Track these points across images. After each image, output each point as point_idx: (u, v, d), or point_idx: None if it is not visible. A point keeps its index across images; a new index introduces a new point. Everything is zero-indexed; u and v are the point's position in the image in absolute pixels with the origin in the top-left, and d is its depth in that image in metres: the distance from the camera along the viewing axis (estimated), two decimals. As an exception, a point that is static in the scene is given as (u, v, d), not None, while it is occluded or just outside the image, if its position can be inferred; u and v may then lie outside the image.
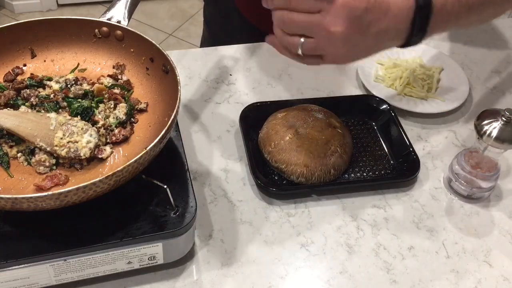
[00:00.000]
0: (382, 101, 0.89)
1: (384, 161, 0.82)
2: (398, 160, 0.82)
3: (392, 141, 0.85)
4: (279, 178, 0.79)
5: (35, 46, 0.78)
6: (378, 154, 0.83)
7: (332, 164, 0.78)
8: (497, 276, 0.71)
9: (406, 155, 0.81)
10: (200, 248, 0.71)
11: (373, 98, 0.90)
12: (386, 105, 0.88)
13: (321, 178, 0.77)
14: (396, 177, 0.80)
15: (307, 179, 0.77)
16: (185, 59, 0.99)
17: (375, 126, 0.87)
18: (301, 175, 0.77)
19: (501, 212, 0.78)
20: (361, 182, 0.80)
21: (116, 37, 0.77)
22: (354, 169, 0.81)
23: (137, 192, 0.66)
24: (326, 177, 0.78)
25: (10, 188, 0.64)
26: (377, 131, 0.87)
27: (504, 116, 0.70)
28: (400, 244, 0.74)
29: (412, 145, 0.82)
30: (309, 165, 0.77)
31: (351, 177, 0.80)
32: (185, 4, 2.93)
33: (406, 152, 0.82)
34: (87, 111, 0.71)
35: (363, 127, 0.87)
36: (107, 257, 0.62)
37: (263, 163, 0.80)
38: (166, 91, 0.73)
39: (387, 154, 0.83)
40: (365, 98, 0.91)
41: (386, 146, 0.84)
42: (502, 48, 1.07)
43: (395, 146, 0.84)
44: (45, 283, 0.63)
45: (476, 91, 0.97)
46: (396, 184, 0.80)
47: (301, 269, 0.70)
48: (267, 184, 0.76)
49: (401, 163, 0.81)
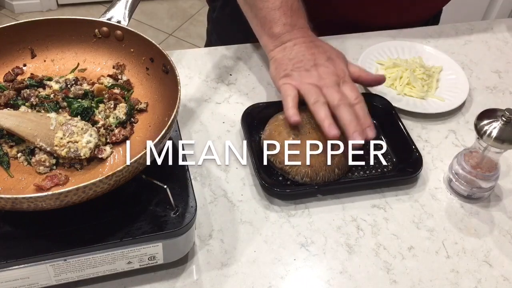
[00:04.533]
0: (382, 99, 0.89)
1: (386, 159, 0.82)
2: (401, 158, 0.82)
3: (394, 139, 0.85)
4: (284, 178, 0.79)
5: (35, 46, 0.78)
6: (380, 153, 0.83)
7: (336, 164, 0.78)
8: (497, 276, 0.71)
9: (409, 153, 0.81)
10: (200, 248, 0.71)
11: (375, 96, 0.90)
12: (387, 103, 0.88)
13: (326, 177, 0.77)
14: (399, 175, 0.80)
15: (311, 179, 0.77)
16: (185, 59, 0.99)
17: (376, 124, 0.87)
18: (306, 175, 0.77)
19: (501, 212, 0.78)
20: (364, 181, 0.80)
21: (116, 37, 0.77)
22: (357, 168, 0.81)
23: (137, 192, 0.66)
24: (331, 176, 0.78)
25: (10, 188, 0.64)
26: (379, 129, 0.86)
27: (504, 116, 0.70)
28: (400, 244, 0.74)
29: (414, 143, 0.82)
30: (314, 165, 0.77)
31: (355, 176, 0.80)
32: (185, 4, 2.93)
33: (409, 150, 0.82)
34: (87, 111, 0.71)
35: None
36: (107, 257, 0.62)
37: (266, 164, 0.80)
38: (166, 91, 0.73)
39: (389, 153, 0.83)
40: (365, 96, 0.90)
41: (388, 144, 0.84)
42: (502, 48, 1.07)
43: (397, 144, 0.84)
44: (45, 283, 0.63)
45: (476, 91, 0.97)
46: (399, 182, 0.80)
47: (301, 269, 0.70)
48: (272, 185, 0.77)
49: (403, 161, 0.81)
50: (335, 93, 0.79)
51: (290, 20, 0.87)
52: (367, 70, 0.87)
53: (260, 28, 0.90)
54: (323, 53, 0.85)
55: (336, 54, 0.86)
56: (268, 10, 0.87)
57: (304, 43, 0.86)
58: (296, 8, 0.88)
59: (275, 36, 0.87)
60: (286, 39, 0.87)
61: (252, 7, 0.90)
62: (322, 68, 0.82)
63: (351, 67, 0.85)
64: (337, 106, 0.77)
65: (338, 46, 1.03)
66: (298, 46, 0.86)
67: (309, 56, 0.84)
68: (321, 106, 0.77)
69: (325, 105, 0.78)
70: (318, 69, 0.82)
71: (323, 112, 0.77)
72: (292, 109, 0.78)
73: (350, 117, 0.76)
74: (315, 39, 0.88)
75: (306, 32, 0.88)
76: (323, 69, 0.82)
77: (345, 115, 0.76)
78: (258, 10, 0.89)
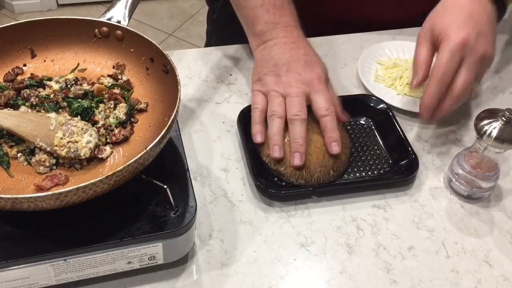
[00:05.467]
0: (379, 101, 0.89)
1: (382, 161, 0.82)
2: (397, 160, 0.82)
3: (390, 141, 0.85)
4: (279, 179, 0.79)
5: (35, 46, 0.78)
6: (376, 154, 0.83)
7: (331, 166, 0.78)
8: (497, 276, 0.71)
9: (405, 154, 0.81)
10: (200, 248, 0.71)
11: (370, 97, 0.90)
12: (383, 105, 0.88)
13: (321, 179, 0.77)
14: (394, 177, 0.80)
15: (306, 180, 0.77)
16: (185, 59, 0.99)
17: (373, 126, 0.87)
18: (301, 177, 0.77)
19: (501, 212, 0.78)
20: (360, 183, 0.80)
21: (116, 37, 0.77)
22: (353, 169, 0.81)
23: (137, 192, 0.66)
24: (326, 178, 0.77)
25: (10, 188, 0.64)
26: (375, 131, 0.86)
27: (504, 116, 0.70)
28: (400, 244, 0.74)
29: (410, 144, 0.82)
30: (308, 166, 0.77)
31: (350, 177, 0.80)
32: (185, 4, 2.93)
33: (405, 151, 0.82)
34: (87, 111, 0.71)
35: (361, 127, 0.87)
36: (107, 257, 0.62)
37: (262, 165, 0.80)
38: (166, 91, 0.73)
39: (385, 154, 0.83)
40: (362, 98, 0.90)
41: (384, 145, 0.84)
42: (502, 48, 1.07)
43: (393, 145, 0.84)
44: (45, 283, 0.63)
45: (476, 91, 0.97)
46: (395, 183, 0.80)
47: (301, 269, 0.70)
48: (267, 186, 0.76)
49: (399, 163, 0.81)
50: (295, 105, 0.78)
51: (273, 18, 0.85)
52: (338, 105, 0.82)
53: (246, 27, 0.89)
54: (302, 55, 0.83)
55: (316, 60, 0.84)
56: (250, 8, 0.86)
57: (285, 44, 0.84)
58: (280, 5, 0.85)
59: (257, 34, 0.86)
60: (267, 38, 0.85)
61: (237, 6, 0.89)
62: (293, 74, 0.81)
63: None
64: (290, 120, 0.77)
65: (339, 46, 1.04)
66: (278, 46, 0.84)
67: (286, 59, 0.82)
68: (274, 120, 0.78)
69: (281, 118, 0.78)
70: (289, 75, 0.81)
71: (275, 127, 0.77)
72: (257, 126, 0.79)
73: (297, 135, 0.76)
74: (298, 39, 0.85)
75: (290, 31, 0.85)
76: (294, 76, 0.81)
77: (294, 131, 0.77)
78: (241, 9, 0.88)
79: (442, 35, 0.78)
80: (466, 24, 0.77)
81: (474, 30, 0.77)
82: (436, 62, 0.78)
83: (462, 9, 0.80)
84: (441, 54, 0.77)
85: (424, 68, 0.80)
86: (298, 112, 0.77)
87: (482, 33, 0.78)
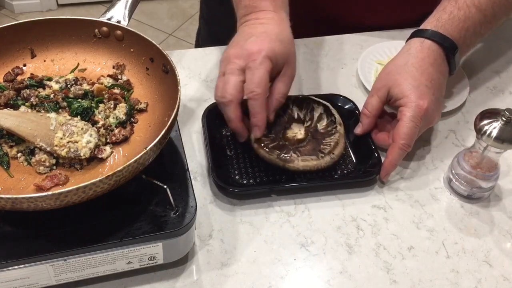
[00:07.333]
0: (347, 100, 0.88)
1: (347, 161, 0.81)
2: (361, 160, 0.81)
3: (356, 141, 0.84)
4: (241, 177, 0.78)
5: (35, 46, 0.78)
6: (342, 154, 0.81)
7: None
8: (497, 276, 0.71)
9: (370, 155, 0.81)
10: (200, 248, 0.71)
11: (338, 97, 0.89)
12: (351, 104, 0.88)
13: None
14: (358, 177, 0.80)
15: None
16: (185, 59, 0.99)
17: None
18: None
19: (501, 212, 0.78)
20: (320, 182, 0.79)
21: (116, 37, 0.77)
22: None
23: (137, 192, 0.66)
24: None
25: (10, 188, 0.64)
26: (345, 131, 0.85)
27: (504, 116, 0.70)
28: (400, 244, 0.74)
29: (374, 144, 0.82)
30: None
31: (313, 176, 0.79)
32: (185, 4, 2.93)
33: (370, 152, 0.81)
34: (87, 111, 0.71)
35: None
36: (107, 257, 0.62)
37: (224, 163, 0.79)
38: (166, 91, 0.73)
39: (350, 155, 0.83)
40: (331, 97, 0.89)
41: (350, 146, 0.84)
42: (502, 48, 1.07)
43: (359, 146, 0.83)
44: (45, 283, 0.63)
45: (476, 91, 0.97)
46: (356, 184, 0.79)
47: (301, 269, 0.70)
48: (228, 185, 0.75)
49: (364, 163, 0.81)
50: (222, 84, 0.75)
51: (252, 2, 0.82)
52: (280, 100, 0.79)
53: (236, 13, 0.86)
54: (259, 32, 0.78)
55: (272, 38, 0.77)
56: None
57: (253, 25, 0.80)
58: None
59: (239, 18, 0.84)
60: (243, 21, 0.83)
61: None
62: (236, 49, 0.77)
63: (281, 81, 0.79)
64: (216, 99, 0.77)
65: (338, 46, 1.04)
66: (243, 27, 0.81)
67: (240, 37, 0.79)
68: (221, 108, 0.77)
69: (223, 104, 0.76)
70: (231, 51, 0.77)
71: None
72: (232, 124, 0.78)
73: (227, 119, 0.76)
74: (269, 21, 0.80)
75: (265, 14, 0.81)
76: (235, 50, 0.77)
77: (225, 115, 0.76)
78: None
79: (404, 101, 0.79)
80: (427, 93, 0.79)
81: (433, 98, 0.79)
82: (401, 129, 0.78)
83: (422, 73, 0.80)
84: (405, 122, 0.78)
85: (371, 119, 0.82)
86: (223, 91, 0.75)
87: (437, 101, 0.81)
